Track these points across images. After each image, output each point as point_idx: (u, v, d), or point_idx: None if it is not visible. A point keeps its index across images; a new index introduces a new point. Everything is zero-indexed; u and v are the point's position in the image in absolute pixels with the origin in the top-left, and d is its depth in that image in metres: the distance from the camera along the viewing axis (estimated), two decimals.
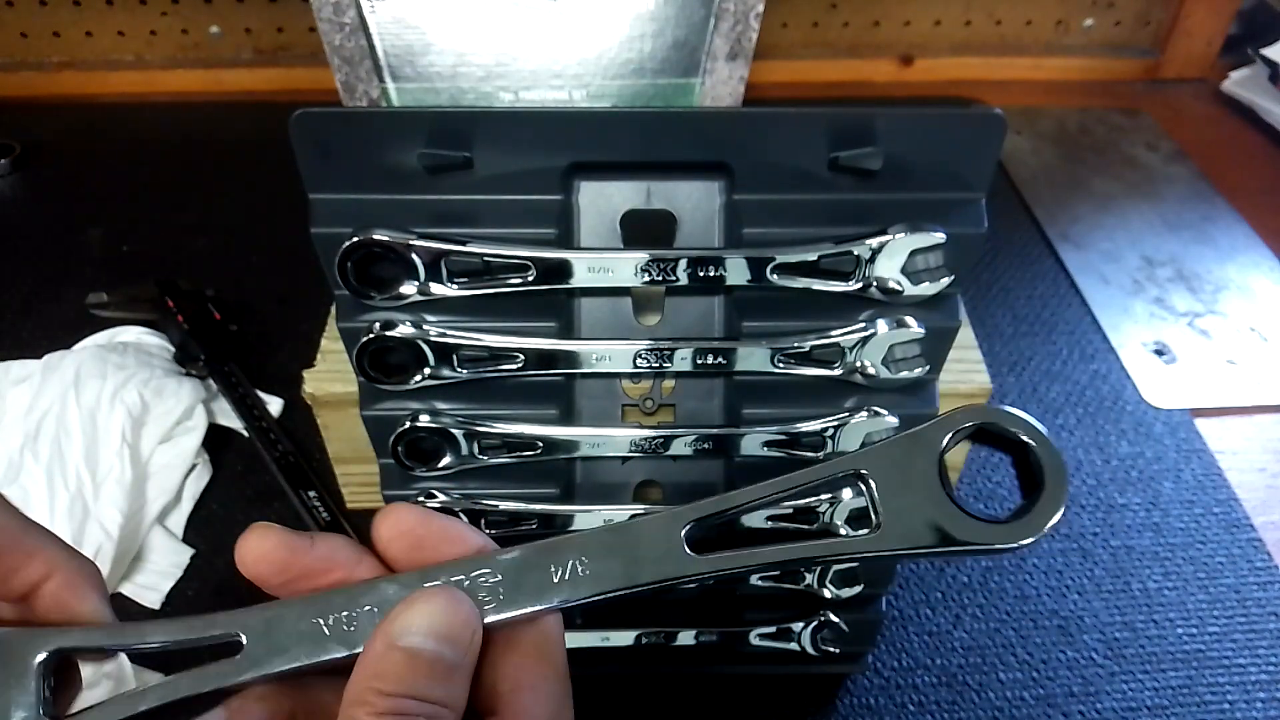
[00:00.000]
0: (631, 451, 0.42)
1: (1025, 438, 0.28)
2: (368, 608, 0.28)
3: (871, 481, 0.29)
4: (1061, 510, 0.28)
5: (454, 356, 0.40)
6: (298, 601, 0.29)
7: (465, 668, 0.27)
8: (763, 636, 0.48)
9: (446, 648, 0.26)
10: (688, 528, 0.29)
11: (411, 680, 0.25)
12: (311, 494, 0.61)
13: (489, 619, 0.28)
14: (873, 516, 0.29)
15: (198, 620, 0.29)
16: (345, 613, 0.28)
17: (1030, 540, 0.28)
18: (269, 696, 0.30)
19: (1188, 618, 0.58)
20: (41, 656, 0.28)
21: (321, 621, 0.28)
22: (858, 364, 0.41)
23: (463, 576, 0.28)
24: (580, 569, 0.29)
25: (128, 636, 0.29)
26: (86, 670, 0.29)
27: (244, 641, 0.28)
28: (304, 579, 0.29)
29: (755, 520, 0.44)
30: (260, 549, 0.29)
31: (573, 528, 0.44)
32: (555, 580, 0.29)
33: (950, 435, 0.28)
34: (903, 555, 0.28)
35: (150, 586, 0.56)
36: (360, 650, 0.27)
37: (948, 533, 0.28)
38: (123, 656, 0.50)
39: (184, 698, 0.28)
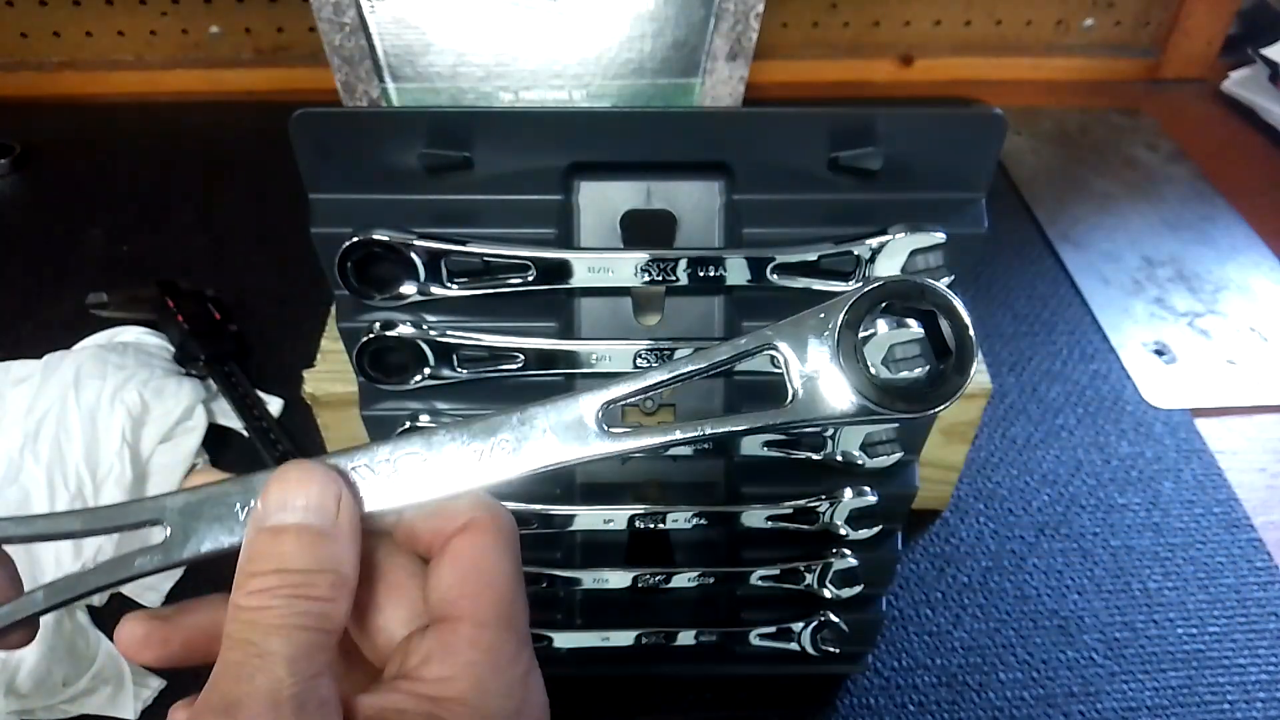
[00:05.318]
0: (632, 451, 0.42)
1: (932, 307, 0.28)
2: None
3: (784, 354, 0.29)
4: (968, 377, 0.28)
5: (454, 356, 0.40)
6: (214, 486, 0.29)
7: (338, 533, 0.27)
8: (763, 636, 0.48)
9: (310, 516, 0.26)
10: (600, 410, 0.29)
11: (276, 555, 0.26)
12: None
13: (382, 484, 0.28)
14: (788, 388, 0.29)
15: (116, 508, 0.29)
16: (255, 500, 0.28)
17: (938, 409, 0.28)
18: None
19: (1188, 618, 0.58)
20: None
21: (238, 506, 0.28)
22: None
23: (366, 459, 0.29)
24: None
25: (39, 526, 0.29)
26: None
27: (165, 528, 0.28)
28: (195, 644, 0.30)
29: (755, 520, 0.44)
30: (133, 636, 0.29)
31: (572, 528, 0.44)
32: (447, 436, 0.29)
33: (850, 305, 0.28)
34: (818, 423, 0.28)
35: (150, 586, 0.56)
36: None
37: (860, 402, 0.28)
38: (121, 662, 0.49)
39: (108, 584, 0.28)
